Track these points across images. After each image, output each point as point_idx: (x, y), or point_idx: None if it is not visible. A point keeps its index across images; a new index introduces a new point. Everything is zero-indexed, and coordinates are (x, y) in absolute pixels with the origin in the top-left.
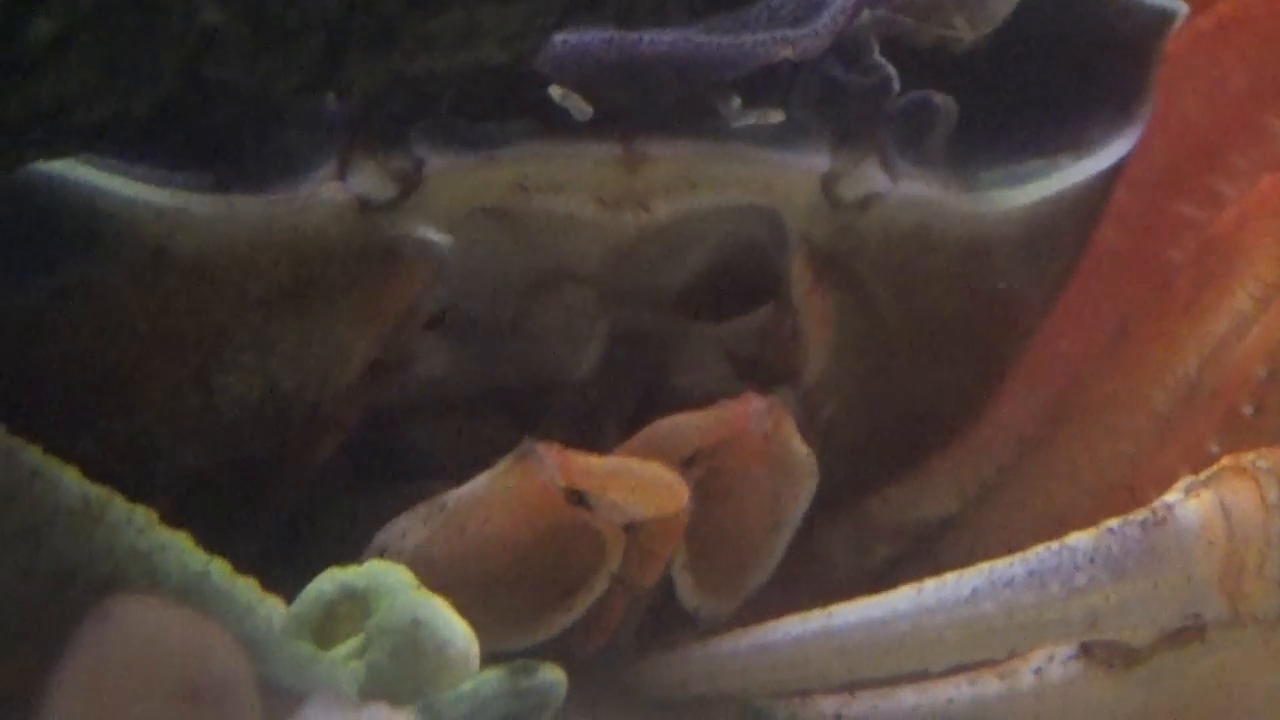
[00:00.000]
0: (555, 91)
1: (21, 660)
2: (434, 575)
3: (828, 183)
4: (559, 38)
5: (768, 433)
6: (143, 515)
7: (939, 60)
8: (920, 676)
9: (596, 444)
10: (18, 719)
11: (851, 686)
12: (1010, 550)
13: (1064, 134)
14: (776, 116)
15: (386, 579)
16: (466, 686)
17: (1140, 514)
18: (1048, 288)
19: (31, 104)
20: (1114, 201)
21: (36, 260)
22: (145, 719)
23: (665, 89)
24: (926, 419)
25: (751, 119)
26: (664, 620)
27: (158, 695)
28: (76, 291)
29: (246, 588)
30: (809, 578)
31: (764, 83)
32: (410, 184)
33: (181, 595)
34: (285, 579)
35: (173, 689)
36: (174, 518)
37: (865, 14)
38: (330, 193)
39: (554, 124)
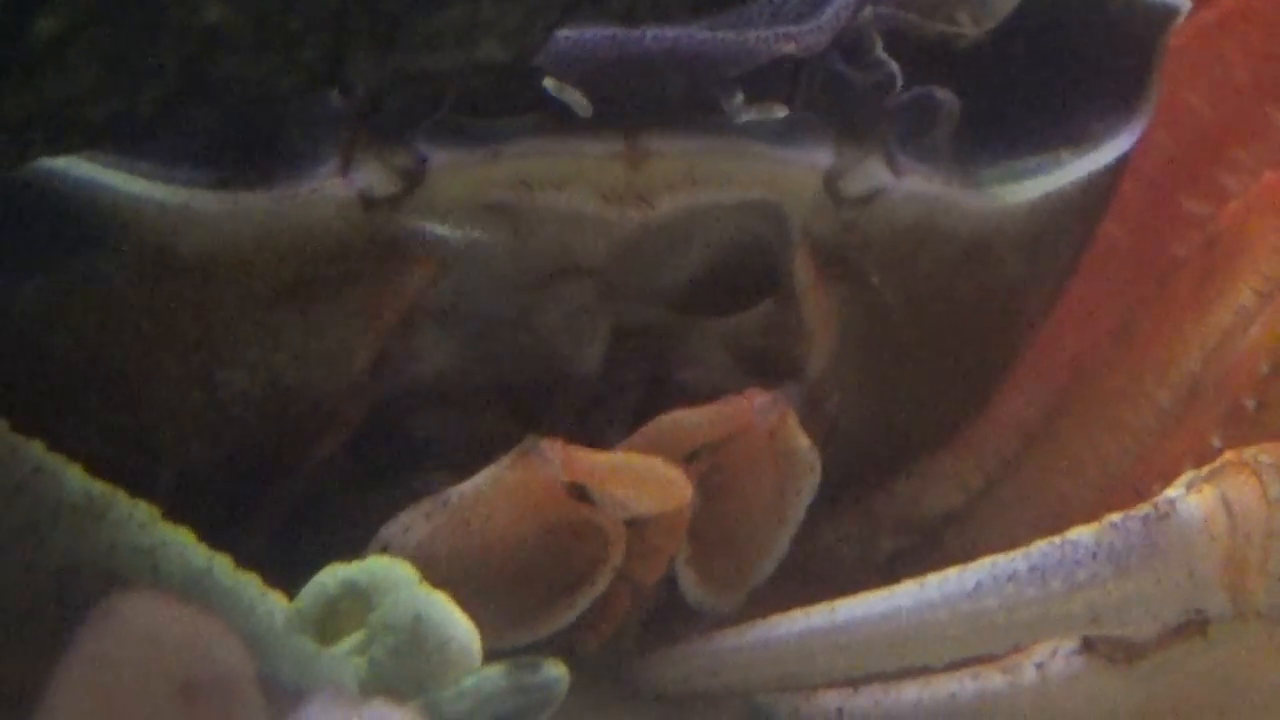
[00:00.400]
0: (554, 86)
1: (24, 657)
2: (437, 571)
3: (831, 178)
4: (561, 34)
5: (771, 428)
6: (145, 512)
7: (942, 56)
8: (923, 671)
9: (600, 439)
10: (20, 716)
11: (855, 681)
12: (1014, 544)
13: (1067, 129)
14: (780, 112)
15: (389, 574)
16: (469, 682)
17: (1143, 509)
18: (1051, 282)
19: (34, 102)
20: (1118, 196)
21: (40, 257)
22: (147, 716)
23: (668, 85)
24: (930, 414)
25: (754, 115)
26: (667, 616)
27: (160, 692)
28: (80, 288)
29: (249, 584)
30: (812, 572)
31: (767, 79)
32: (413, 180)
33: (184, 591)
34: (288, 574)
35: (175, 685)
36: (176, 514)
37: (868, 10)
38: (334, 189)
39: (557, 120)
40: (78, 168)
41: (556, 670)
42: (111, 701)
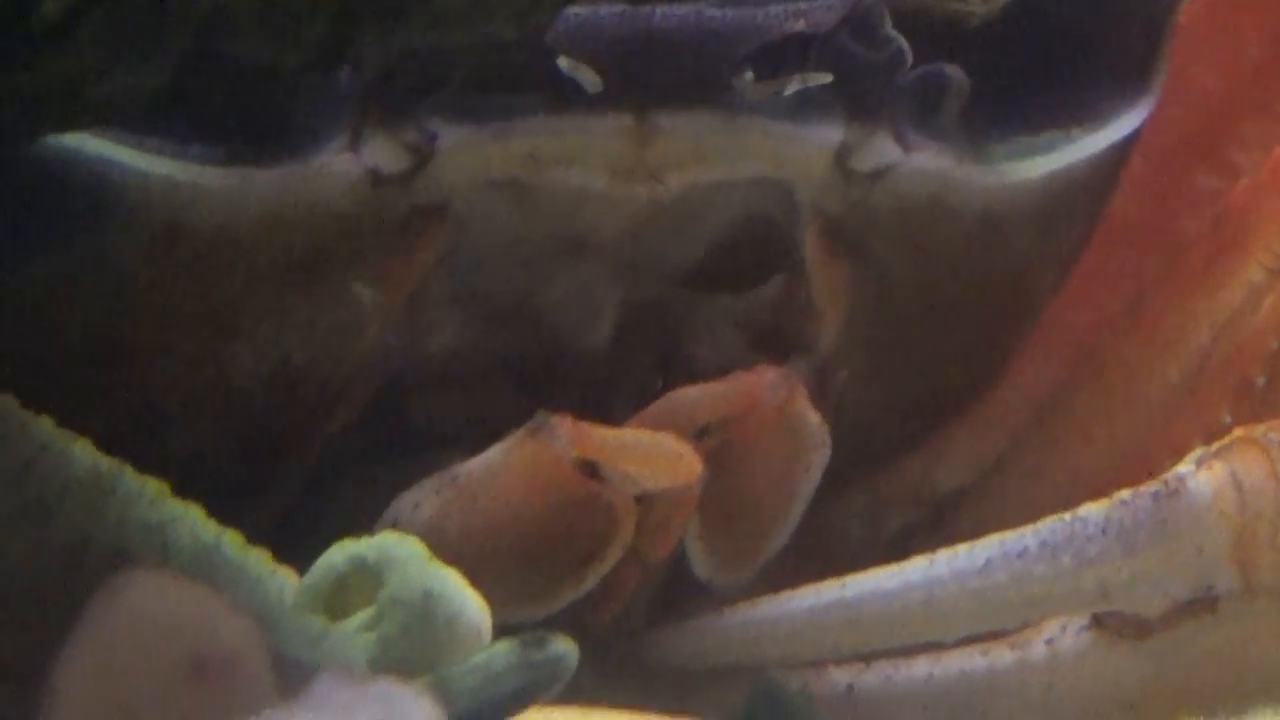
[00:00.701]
0: (564, 63)
1: (33, 634)
2: (446, 547)
3: (840, 155)
4: (571, 11)
5: (781, 404)
6: (154, 487)
7: (952, 33)
8: (933, 647)
9: (609, 416)
10: (30, 693)
11: (865, 657)
12: (1024, 521)
13: (1077, 106)
14: (789, 89)
15: (398, 551)
16: (478, 659)
17: (1152, 485)
18: (1061, 259)
19: (43, 79)
20: (1128, 172)
21: (49, 233)
22: (156, 692)
23: (678, 62)
24: (940, 390)
25: (764, 92)
26: (677, 591)
27: (168, 669)
28: (89, 265)
29: (258, 560)
30: (823, 549)
31: (777, 56)
32: (423, 157)
33: (193, 567)
34: (297, 551)
35: (183, 662)
36: (185, 490)
37: None
38: (343, 165)
39: (566, 97)
40: (87, 144)
41: (565, 646)
42: (120, 678)
